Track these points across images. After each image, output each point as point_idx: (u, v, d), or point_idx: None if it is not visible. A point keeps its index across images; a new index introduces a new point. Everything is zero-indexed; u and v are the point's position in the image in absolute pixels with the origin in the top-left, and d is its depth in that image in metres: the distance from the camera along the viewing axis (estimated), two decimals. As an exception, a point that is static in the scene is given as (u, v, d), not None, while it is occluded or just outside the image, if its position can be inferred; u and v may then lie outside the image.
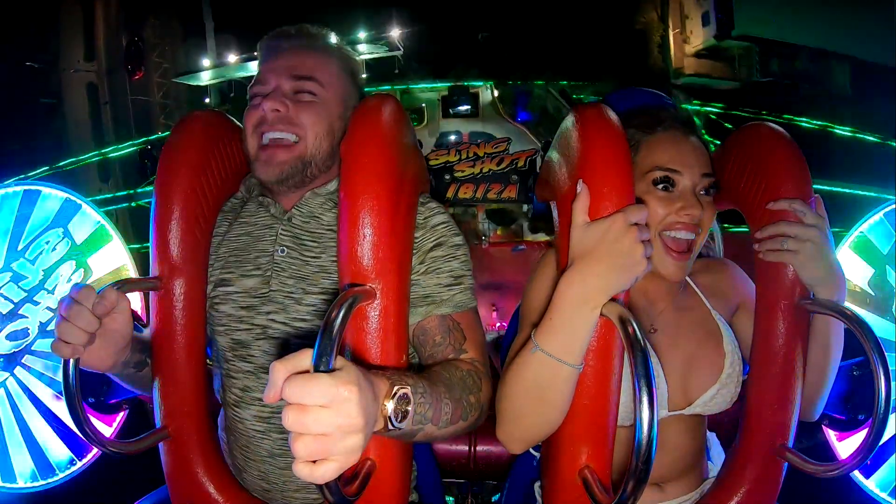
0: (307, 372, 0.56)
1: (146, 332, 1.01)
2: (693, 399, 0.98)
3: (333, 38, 1.08)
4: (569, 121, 0.90)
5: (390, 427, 0.65)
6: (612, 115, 0.86)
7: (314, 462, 0.55)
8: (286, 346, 0.98)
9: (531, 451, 1.12)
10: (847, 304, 0.92)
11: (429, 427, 0.76)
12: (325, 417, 0.54)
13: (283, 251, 1.01)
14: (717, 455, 1.13)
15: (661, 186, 0.94)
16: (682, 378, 0.99)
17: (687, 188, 0.95)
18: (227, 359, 1.03)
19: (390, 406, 0.65)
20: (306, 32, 1.05)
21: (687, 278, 1.07)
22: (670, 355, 0.99)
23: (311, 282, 0.98)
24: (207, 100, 12.70)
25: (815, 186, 0.96)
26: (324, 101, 1.01)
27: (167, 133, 1.10)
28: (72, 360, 0.84)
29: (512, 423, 0.87)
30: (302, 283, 0.98)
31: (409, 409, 0.68)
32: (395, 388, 0.66)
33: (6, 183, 1.79)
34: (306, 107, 0.99)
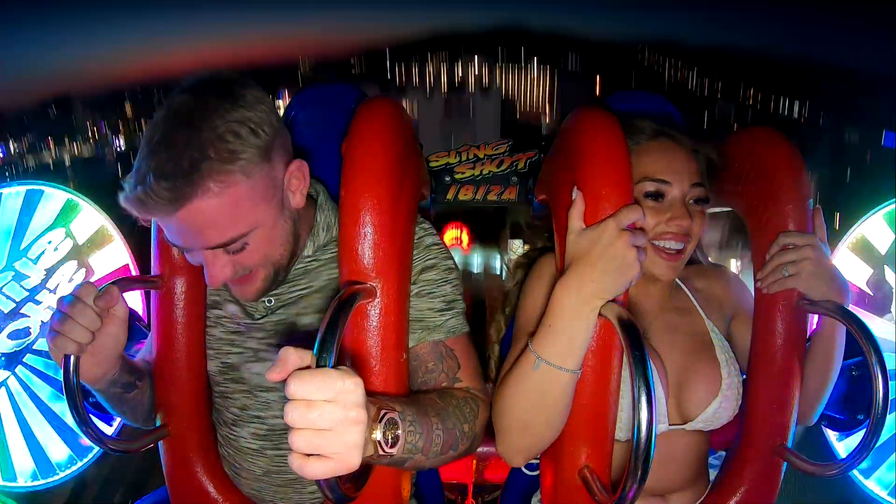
0: (309, 368, 0.56)
1: (140, 355, 1.00)
2: (692, 414, 0.97)
3: (208, 132, 0.77)
4: (569, 122, 0.90)
5: (381, 452, 0.63)
6: (613, 118, 0.86)
7: (309, 456, 0.55)
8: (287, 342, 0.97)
9: (523, 469, 1.11)
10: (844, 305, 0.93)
11: (418, 457, 0.74)
12: (331, 412, 0.55)
13: (271, 301, 0.97)
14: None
15: (650, 197, 0.94)
16: (676, 392, 0.98)
17: (676, 198, 0.95)
18: (218, 382, 1.01)
19: (378, 433, 0.63)
20: (177, 174, 0.75)
21: (682, 285, 1.07)
22: (664, 368, 0.99)
23: (304, 304, 0.96)
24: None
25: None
26: (261, 236, 0.85)
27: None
28: (73, 359, 0.84)
29: (516, 435, 0.86)
30: (293, 308, 0.96)
31: (399, 433, 0.66)
32: (382, 412, 0.64)
33: (8, 183, 1.79)
34: (247, 255, 0.85)
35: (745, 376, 1.01)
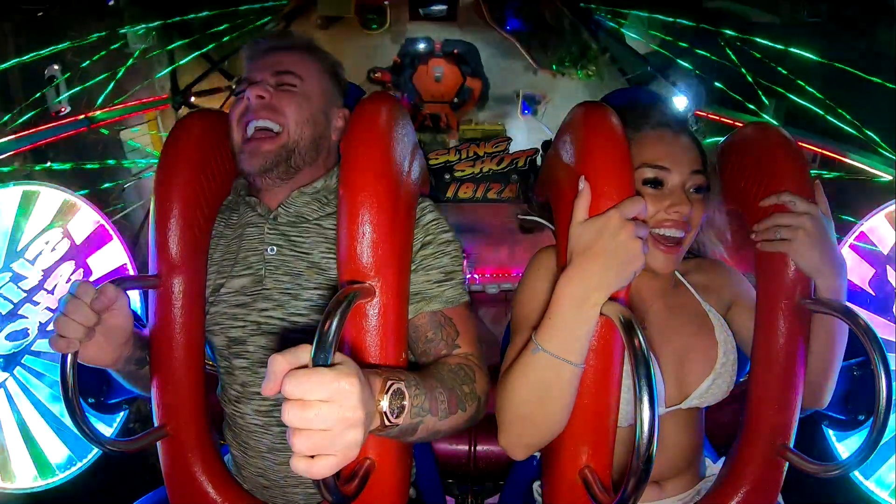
0: (306, 367, 0.56)
1: (146, 331, 1.01)
2: (689, 392, 0.98)
3: (315, 44, 1.14)
4: (570, 120, 0.90)
5: (387, 423, 0.65)
6: (614, 115, 0.86)
7: (312, 457, 0.55)
8: (283, 341, 0.98)
9: None
10: (848, 304, 0.92)
11: (429, 419, 0.76)
12: (327, 412, 0.54)
13: (272, 250, 1.02)
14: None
15: (649, 184, 0.94)
16: (676, 372, 0.99)
17: (676, 185, 0.95)
18: (224, 356, 1.04)
19: (385, 403, 0.65)
20: (288, 36, 1.13)
21: (680, 276, 1.07)
22: (663, 350, 0.99)
23: (305, 277, 0.99)
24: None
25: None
26: (304, 93, 1.05)
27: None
28: (70, 357, 0.85)
29: (516, 427, 0.86)
30: (297, 279, 1.00)
31: (405, 403, 0.68)
32: (389, 383, 0.66)
33: (5, 183, 1.79)
34: (287, 96, 1.03)
35: (747, 372, 1.01)
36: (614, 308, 0.77)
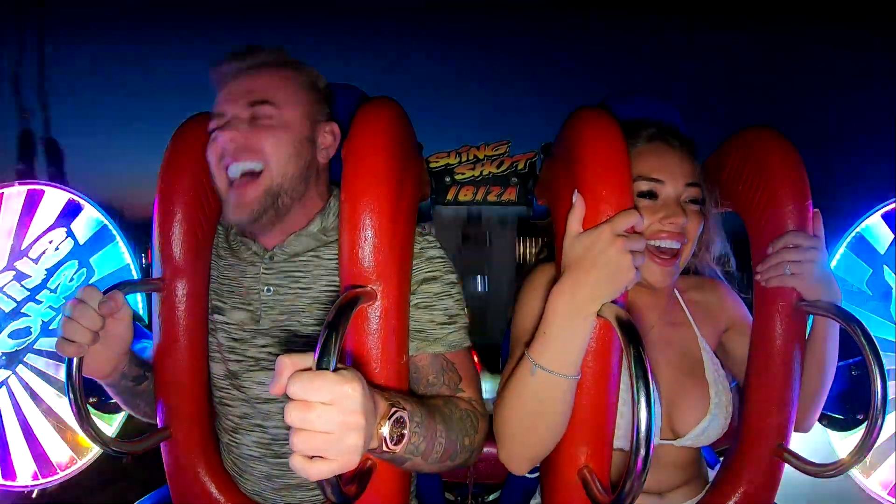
0: (311, 370, 0.57)
1: (147, 352, 1.01)
2: (681, 431, 0.98)
3: (287, 55, 1.02)
4: (569, 123, 0.90)
5: (385, 448, 0.65)
6: (612, 119, 0.86)
7: (311, 458, 0.55)
8: (289, 346, 0.98)
9: None
10: (844, 304, 0.93)
11: (417, 460, 0.76)
12: (328, 414, 0.55)
13: (269, 290, 0.98)
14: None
15: (644, 197, 0.94)
16: (667, 407, 0.99)
17: (670, 197, 0.95)
18: (220, 386, 1.02)
19: (385, 429, 0.65)
20: (257, 52, 0.99)
21: (679, 296, 1.07)
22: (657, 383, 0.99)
23: (306, 314, 0.97)
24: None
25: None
26: (284, 124, 0.95)
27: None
28: (76, 360, 0.85)
29: (516, 443, 0.86)
30: (297, 316, 0.97)
31: (405, 433, 0.68)
32: (393, 409, 0.66)
33: (9, 183, 1.79)
34: (265, 132, 0.93)
35: (744, 376, 1.02)
36: (611, 309, 0.77)
